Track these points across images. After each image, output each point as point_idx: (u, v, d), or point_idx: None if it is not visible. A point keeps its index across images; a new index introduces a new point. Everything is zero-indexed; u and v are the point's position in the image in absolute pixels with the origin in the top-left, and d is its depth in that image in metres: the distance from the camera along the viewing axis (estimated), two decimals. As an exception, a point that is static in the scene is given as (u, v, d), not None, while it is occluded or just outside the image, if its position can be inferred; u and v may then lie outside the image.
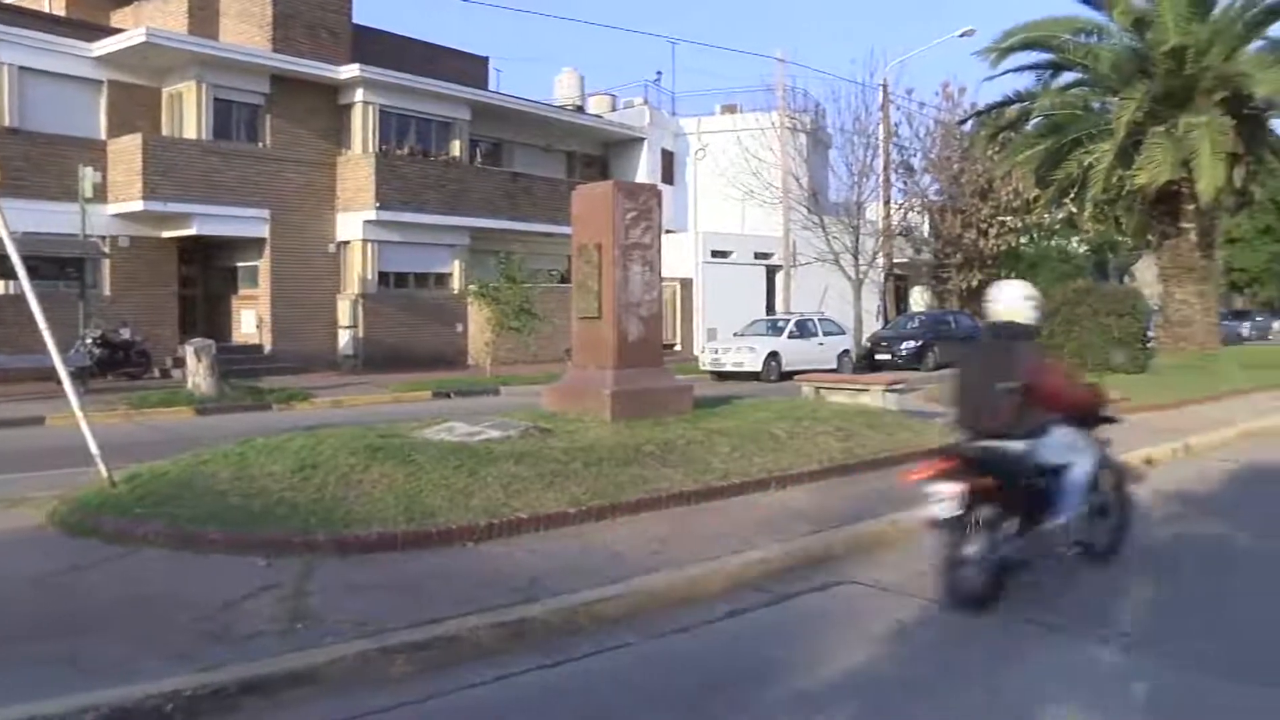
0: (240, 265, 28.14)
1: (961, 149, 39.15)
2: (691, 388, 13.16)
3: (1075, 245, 48.00)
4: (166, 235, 25.68)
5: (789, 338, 27.42)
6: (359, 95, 28.51)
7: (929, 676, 5.20)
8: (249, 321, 27.74)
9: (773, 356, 26.28)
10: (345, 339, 28.11)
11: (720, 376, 26.05)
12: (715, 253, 35.94)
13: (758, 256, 37.18)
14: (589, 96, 40.88)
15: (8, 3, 26.31)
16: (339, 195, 28.48)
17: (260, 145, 27.10)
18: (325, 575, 6.41)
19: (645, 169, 38.16)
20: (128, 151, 24.28)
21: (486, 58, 36.93)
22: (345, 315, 28.12)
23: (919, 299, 45.86)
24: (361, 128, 28.59)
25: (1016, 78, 23.71)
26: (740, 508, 8.63)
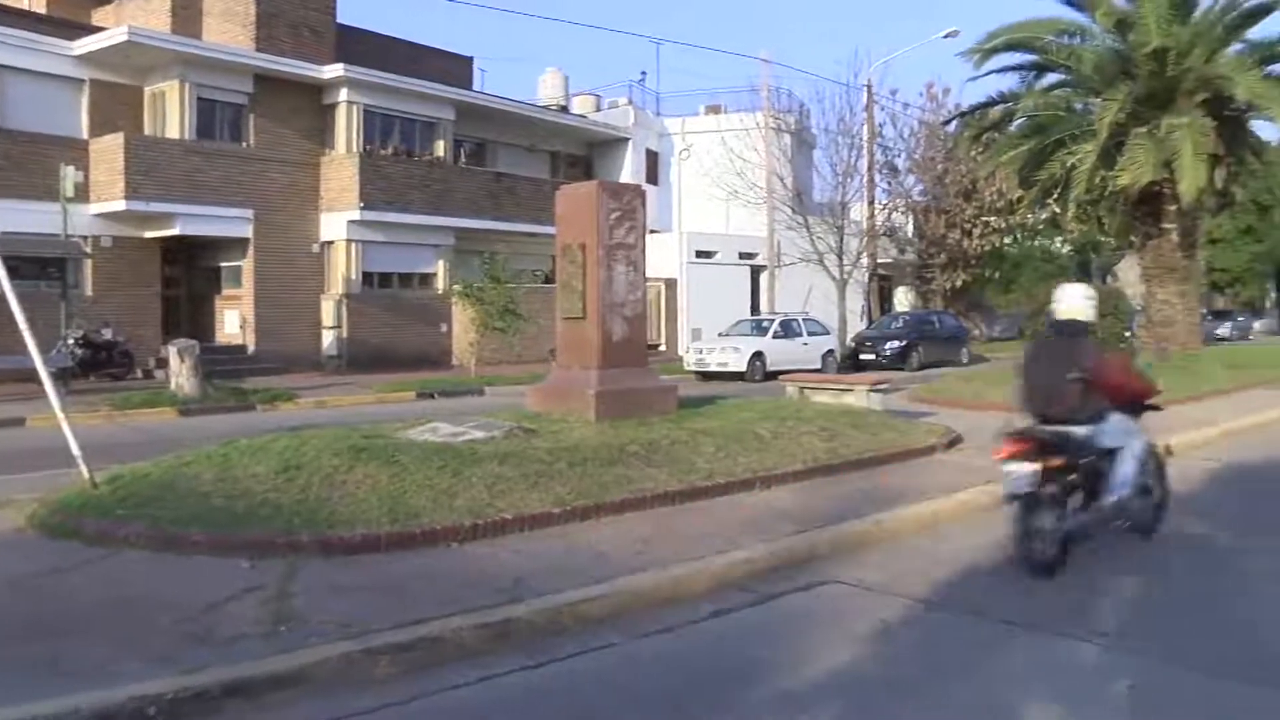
0: (224, 265, 28.00)
1: (945, 149, 39.29)
2: (676, 388, 13.17)
3: (1059, 245, 48.22)
4: (149, 235, 25.55)
5: (773, 338, 27.46)
6: (343, 95, 28.42)
7: (913, 676, 5.22)
8: (232, 322, 27.62)
9: (757, 356, 26.30)
10: (329, 339, 28.02)
11: (705, 376, 26.06)
12: (700, 253, 35.96)
13: (742, 257, 37.22)
14: (573, 96, 40.85)
15: (-12, 1, 26.18)
16: (323, 195, 28.38)
17: (244, 145, 26.98)
18: (309, 576, 6.39)
19: (629, 169, 38.15)
20: (110, 151, 24.15)
21: (471, 58, 36.93)
22: (329, 315, 28.03)
23: (903, 299, 46.02)
24: (346, 127, 28.50)
25: (1000, 79, 23.76)
26: (725, 508, 8.64)
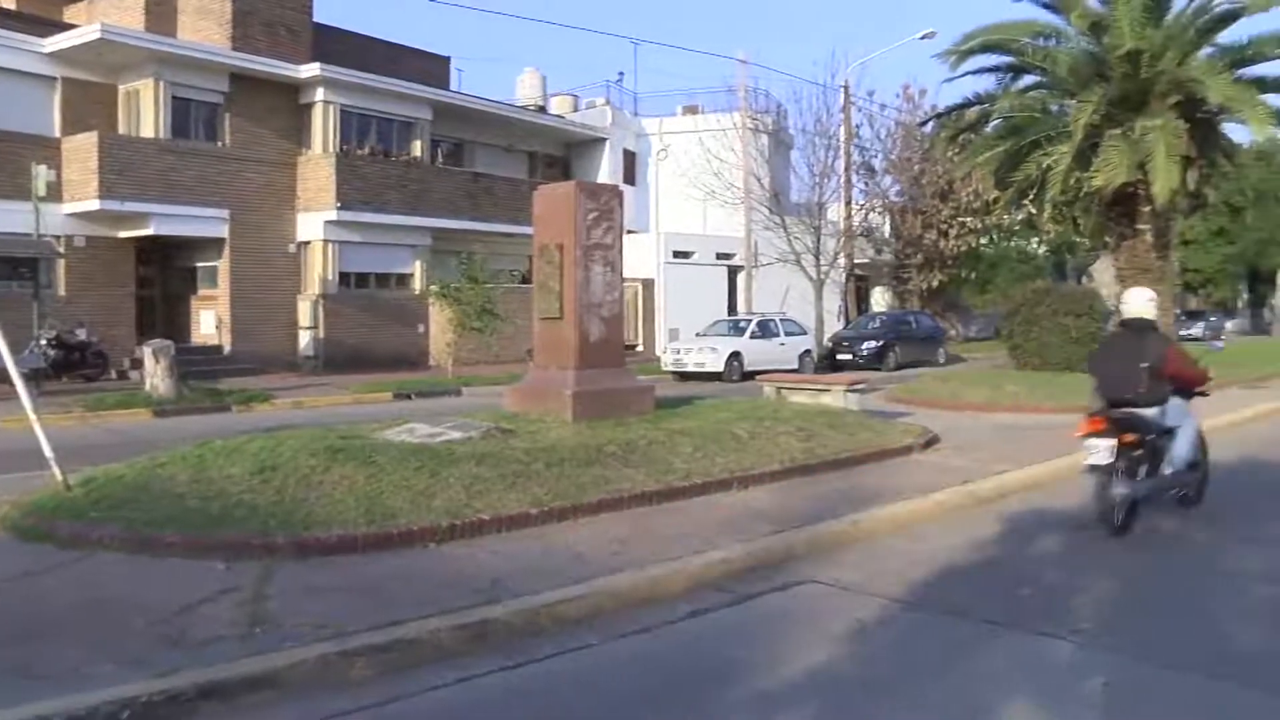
0: (199, 265, 27.81)
1: (922, 150, 39.51)
2: (653, 388, 13.18)
3: (1034, 246, 48.54)
4: (123, 235, 25.34)
5: (751, 338, 27.51)
6: (319, 95, 28.28)
7: (889, 676, 5.24)
8: (208, 322, 27.42)
9: (734, 357, 26.34)
10: (306, 340, 27.88)
11: (682, 377, 26.09)
12: (677, 253, 35.99)
13: (719, 257, 37.26)
14: (551, 97, 40.80)
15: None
16: (299, 195, 28.23)
17: (219, 144, 26.81)
18: (285, 578, 6.37)
19: (607, 169, 38.14)
20: (83, 150, 23.94)
21: (448, 58, 36.75)
22: (306, 316, 27.89)
23: (880, 299, 46.17)
24: (322, 127, 28.36)
25: (976, 80, 23.85)
26: (702, 508, 8.66)
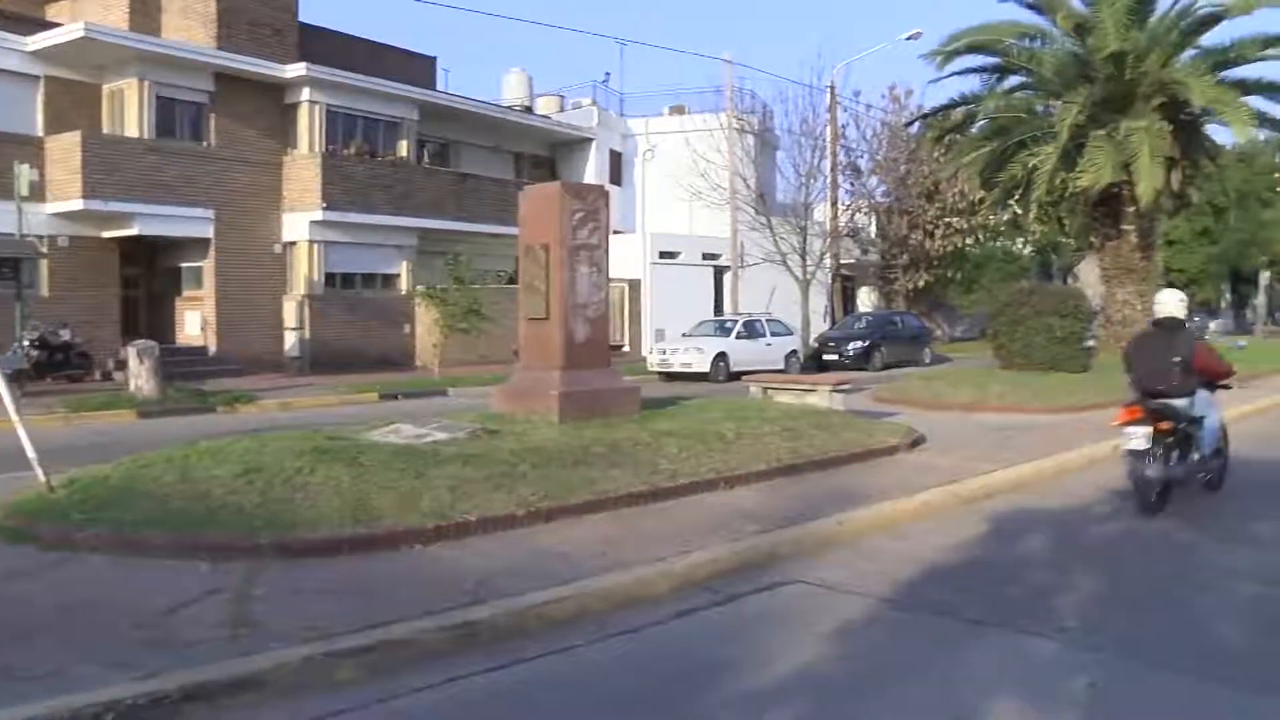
0: (184, 266, 27.72)
1: (908, 151, 39.60)
2: (639, 388, 13.18)
3: (1020, 246, 48.69)
4: (108, 235, 25.22)
5: (737, 338, 27.53)
6: (305, 94, 28.22)
7: (875, 675, 5.25)
8: (193, 323, 27.34)
9: (721, 357, 26.36)
10: (291, 340, 27.80)
11: (668, 377, 26.10)
12: (663, 253, 36.00)
13: (705, 257, 37.28)
14: (537, 97, 40.77)
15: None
16: (285, 195, 28.16)
17: (204, 144, 26.72)
18: (270, 579, 6.34)
19: (593, 170, 38.14)
20: (67, 149, 23.82)
21: (434, 57, 36.71)
22: (291, 316, 27.81)
23: (866, 299, 46.29)
24: (308, 127, 28.30)
25: (962, 81, 24.01)
26: (688, 508, 8.65)
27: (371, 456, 8.74)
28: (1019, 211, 29.86)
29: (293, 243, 28.27)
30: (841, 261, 39.49)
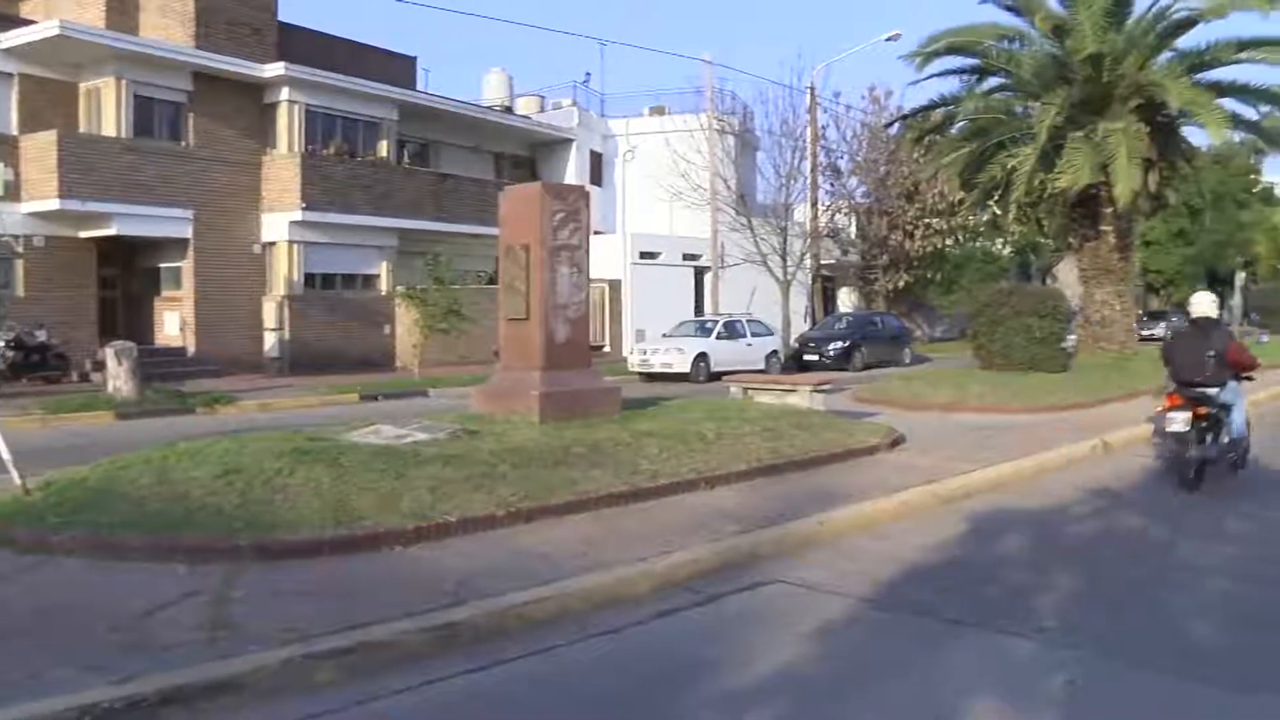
0: (163, 266, 27.54)
1: (888, 152, 39.69)
2: (620, 389, 13.17)
3: (999, 247, 48.87)
4: (85, 235, 25.01)
5: (717, 339, 27.55)
6: (284, 94, 28.09)
7: (856, 675, 5.26)
8: (172, 324, 27.17)
9: (701, 357, 26.36)
10: (271, 341, 27.66)
11: (649, 377, 26.09)
12: (644, 254, 35.99)
13: (686, 258, 37.31)
14: (517, 97, 40.70)
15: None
16: (264, 195, 28.01)
17: (183, 144, 26.54)
18: (249, 581, 6.31)
19: (574, 170, 38.11)
20: (42, 148, 23.59)
21: (414, 57, 36.53)
22: (271, 317, 27.67)
23: (846, 300, 46.40)
24: (287, 127, 28.16)
25: (941, 82, 24.07)
26: (669, 508, 8.66)
27: (352, 457, 8.71)
28: (998, 212, 30.00)
29: (272, 243, 28.13)
30: (822, 262, 39.57)
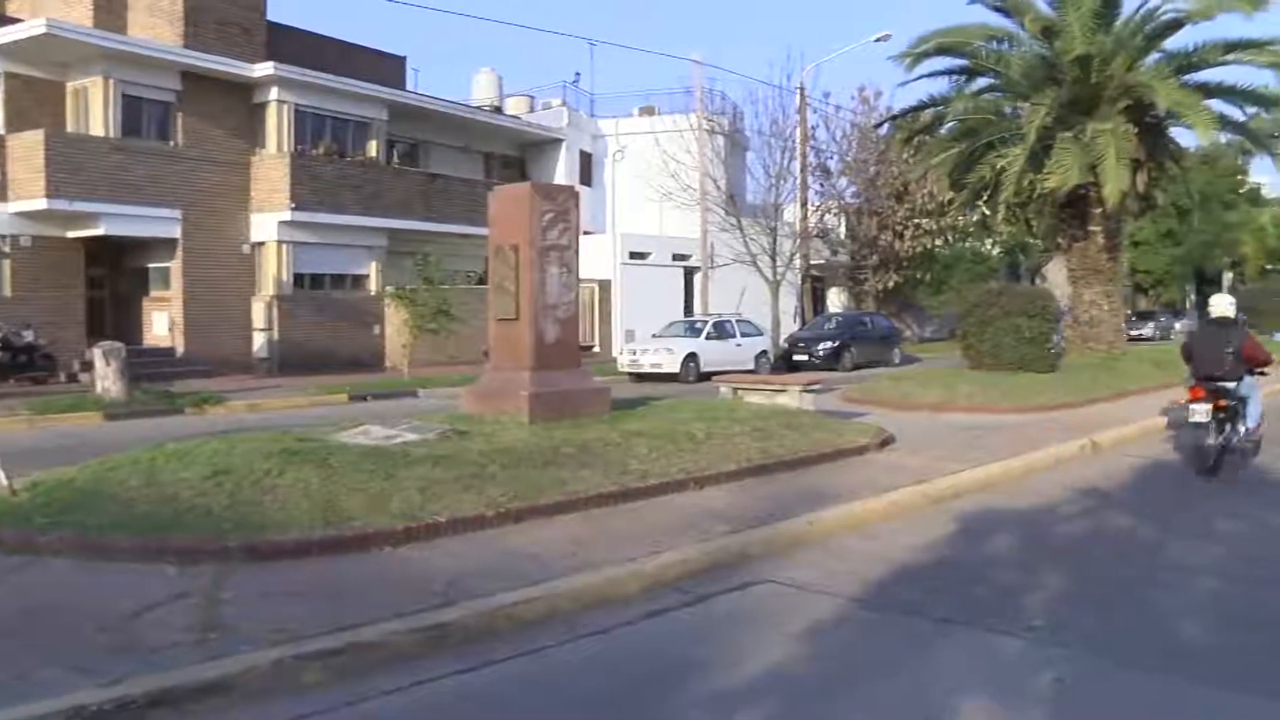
0: (151, 266, 27.46)
1: (877, 152, 39.73)
2: (609, 389, 13.18)
3: (989, 247, 48.97)
4: (72, 235, 24.92)
5: (707, 339, 27.56)
6: (273, 94, 28.03)
7: (845, 674, 5.27)
8: (161, 324, 27.09)
9: (691, 358, 26.37)
10: (260, 341, 27.61)
11: (638, 378, 26.09)
12: (633, 254, 35.97)
13: (676, 258, 37.31)
14: (507, 97, 40.66)
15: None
16: (253, 195, 27.95)
17: (171, 144, 26.47)
18: (239, 582, 6.30)
19: (563, 170, 38.10)
20: (29, 147, 23.50)
21: (404, 57, 36.52)
22: (260, 317, 27.62)
23: (836, 300, 46.45)
24: (276, 127, 28.11)
25: (931, 82, 24.18)
26: (658, 509, 8.65)
27: (341, 458, 8.70)
28: (987, 213, 30.01)
29: (261, 243, 28.07)
30: (811, 262, 39.59)
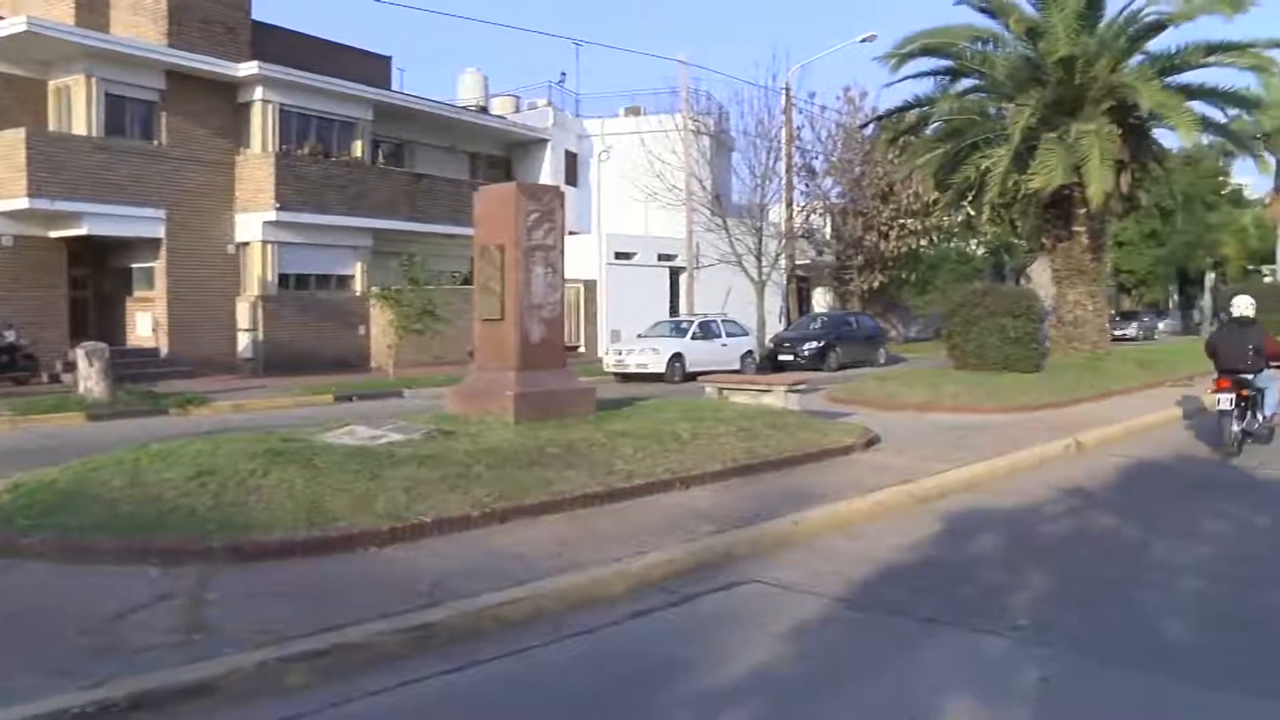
0: (135, 266, 27.34)
1: (863, 152, 39.78)
2: (594, 389, 13.18)
3: (973, 248, 49.10)
4: (55, 235, 24.77)
5: (693, 339, 27.57)
6: (258, 93, 27.93)
7: (831, 674, 5.27)
8: (144, 324, 26.97)
9: (676, 358, 26.39)
10: (245, 342, 27.51)
11: (624, 378, 26.08)
12: (619, 254, 35.96)
13: (661, 258, 37.31)
14: (492, 97, 40.59)
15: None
16: (238, 195, 27.85)
17: (155, 143, 26.35)
18: (223, 583, 6.27)
19: (549, 170, 38.06)
20: (10, 146, 23.33)
21: (389, 57, 36.41)
22: (244, 318, 27.53)
23: (821, 300, 46.51)
24: (261, 127, 28.01)
25: (916, 83, 24.19)
26: (644, 509, 8.65)
27: (326, 458, 8.67)
28: (972, 213, 30.06)
29: (246, 243, 27.97)
30: (797, 262, 39.66)
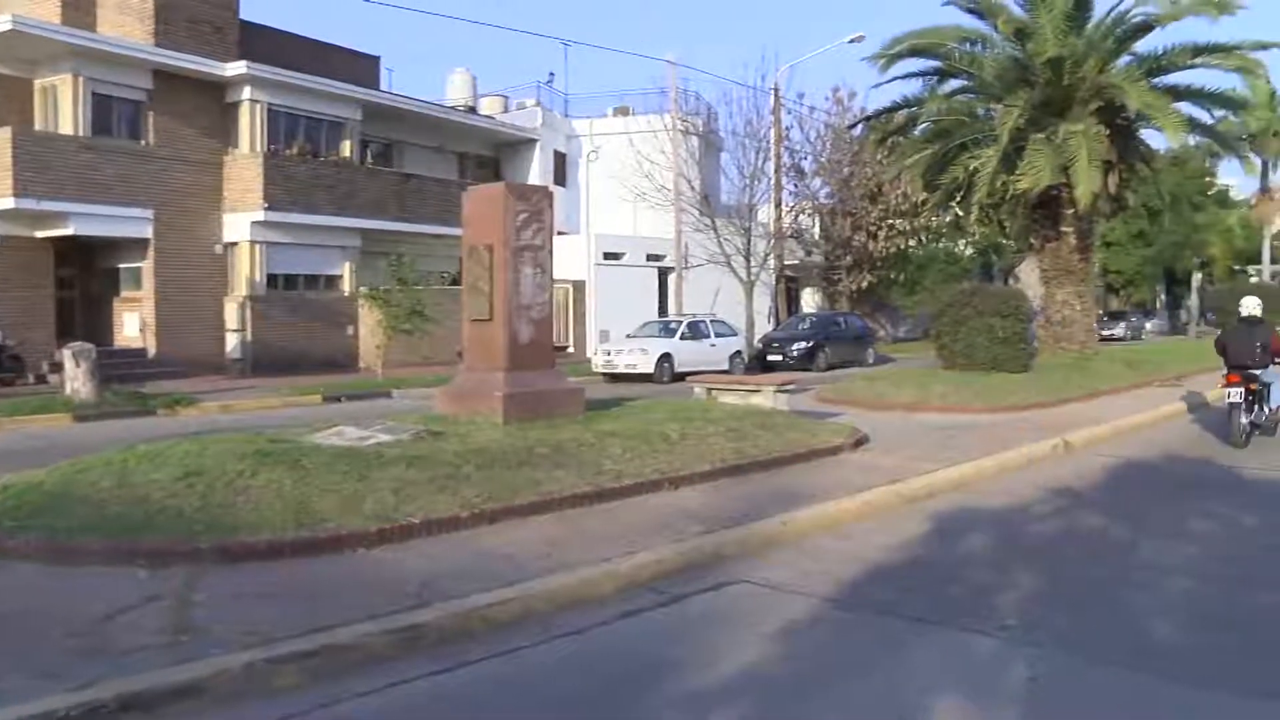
0: (122, 267, 27.23)
1: (851, 153, 39.84)
2: (583, 389, 13.17)
3: (962, 248, 49.21)
4: (41, 235, 24.66)
5: (681, 339, 27.56)
6: (246, 93, 27.84)
7: (819, 674, 5.28)
8: (132, 325, 26.85)
9: (665, 358, 26.38)
10: (233, 342, 27.43)
11: (613, 378, 26.07)
12: (607, 254, 35.94)
13: (650, 258, 37.30)
14: (481, 97, 40.55)
15: None
16: (226, 195, 27.74)
17: (143, 143, 26.24)
18: (211, 584, 6.26)
19: (538, 170, 38.03)
20: (-4, 145, 23.28)
21: (378, 57, 36.31)
22: (233, 318, 27.44)
23: (810, 300, 46.55)
24: (249, 127, 27.92)
25: (905, 84, 24.18)
26: (633, 509, 8.65)
27: (314, 459, 8.65)
28: (960, 213, 30.18)
29: (234, 243, 27.87)
30: (785, 263, 39.71)
